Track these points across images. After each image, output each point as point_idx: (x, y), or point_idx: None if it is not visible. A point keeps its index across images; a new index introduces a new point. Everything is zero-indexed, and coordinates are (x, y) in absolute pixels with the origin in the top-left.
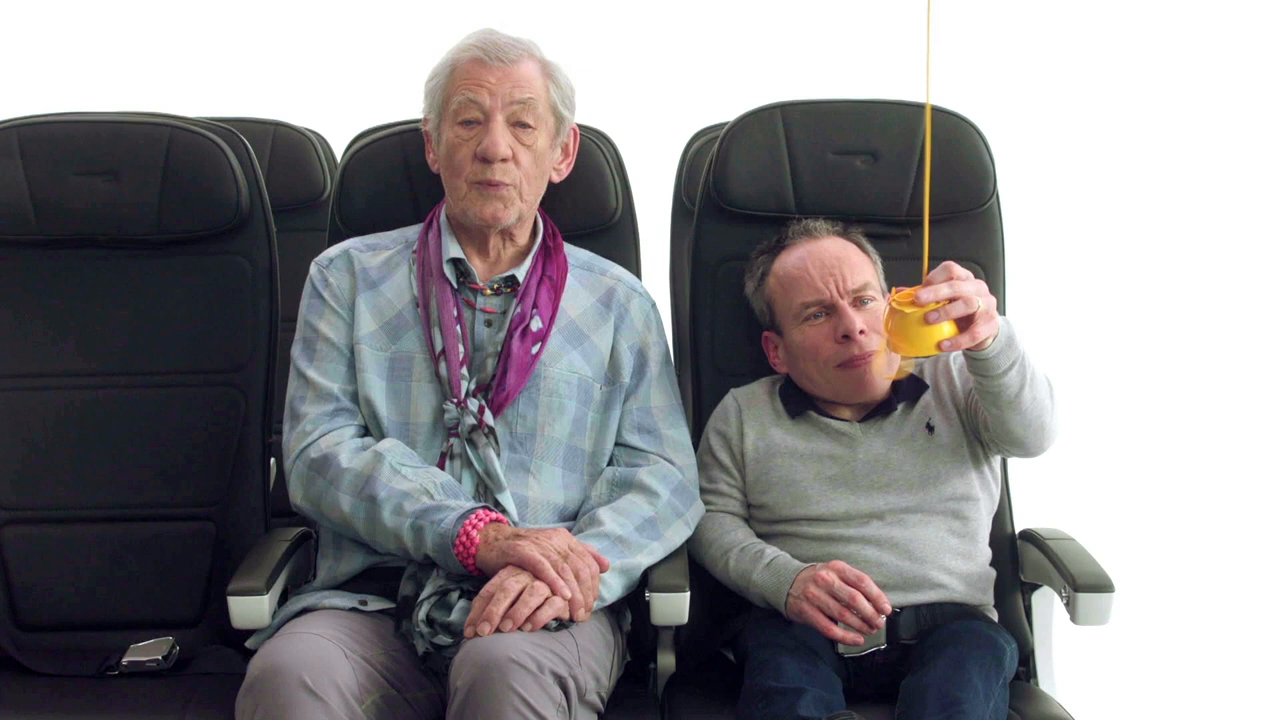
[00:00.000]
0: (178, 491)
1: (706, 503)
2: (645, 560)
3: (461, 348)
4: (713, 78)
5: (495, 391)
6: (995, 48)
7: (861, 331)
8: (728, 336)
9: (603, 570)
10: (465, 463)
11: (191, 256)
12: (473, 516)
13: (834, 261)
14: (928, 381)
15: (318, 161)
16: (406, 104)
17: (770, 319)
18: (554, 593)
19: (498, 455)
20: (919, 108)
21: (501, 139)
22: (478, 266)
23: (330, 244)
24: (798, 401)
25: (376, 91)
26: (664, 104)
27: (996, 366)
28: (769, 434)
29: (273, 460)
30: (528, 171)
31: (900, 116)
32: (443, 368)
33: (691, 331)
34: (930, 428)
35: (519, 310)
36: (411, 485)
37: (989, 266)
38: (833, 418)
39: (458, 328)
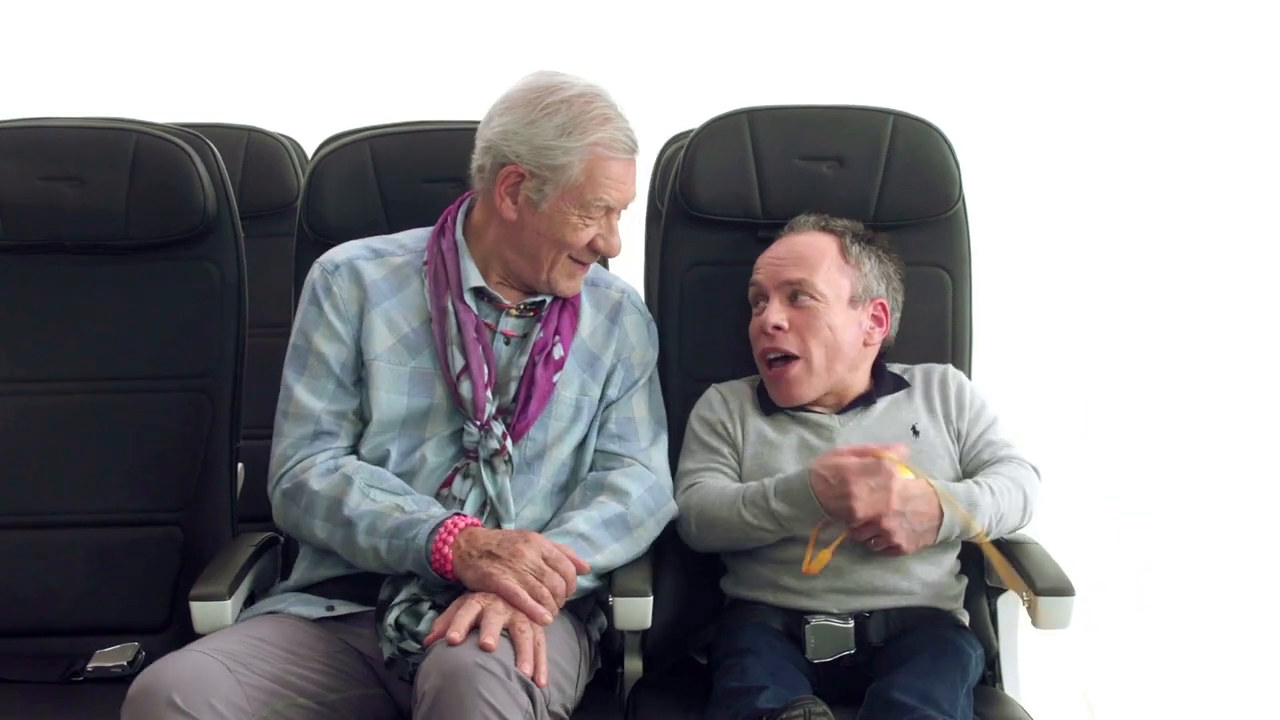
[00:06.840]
0: (145, 497)
1: (697, 480)
2: (604, 560)
3: (486, 369)
4: (689, 84)
5: (517, 418)
6: (962, 54)
7: (777, 327)
8: (695, 341)
9: (581, 573)
10: (477, 483)
11: (159, 262)
12: (442, 530)
13: (785, 253)
14: (916, 388)
15: (291, 167)
16: (381, 108)
17: None
18: (535, 621)
19: (510, 480)
20: (885, 113)
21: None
22: (501, 290)
23: (299, 250)
24: (770, 397)
25: (352, 97)
26: (639, 110)
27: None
28: (750, 426)
29: (240, 466)
30: None
31: (866, 122)
32: (464, 387)
33: (660, 336)
34: (915, 431)
35: (542, 335)
36: (381, 505)
37: (955, 271)
38: (808, 410)
39: (480, 349)
